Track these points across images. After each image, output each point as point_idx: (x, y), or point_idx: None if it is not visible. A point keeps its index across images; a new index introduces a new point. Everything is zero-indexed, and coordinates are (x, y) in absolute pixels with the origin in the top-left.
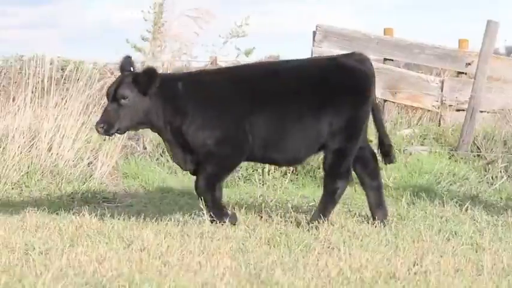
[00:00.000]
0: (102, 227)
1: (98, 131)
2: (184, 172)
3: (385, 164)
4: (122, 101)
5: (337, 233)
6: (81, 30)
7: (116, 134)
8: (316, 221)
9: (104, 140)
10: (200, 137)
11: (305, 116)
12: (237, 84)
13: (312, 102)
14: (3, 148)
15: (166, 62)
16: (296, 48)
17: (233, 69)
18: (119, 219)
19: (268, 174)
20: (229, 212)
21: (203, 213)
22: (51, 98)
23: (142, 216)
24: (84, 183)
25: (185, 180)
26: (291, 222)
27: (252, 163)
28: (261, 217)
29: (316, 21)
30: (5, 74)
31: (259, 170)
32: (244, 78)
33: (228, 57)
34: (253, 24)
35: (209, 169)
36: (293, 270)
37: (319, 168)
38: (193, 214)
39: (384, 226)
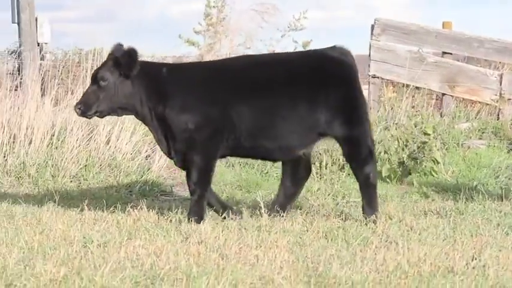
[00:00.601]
0: (160, 220)
1: (76, 112)
2: (242, 166)
3: None
4: (101, 83)
5: (394, 227)
6: (139, 23)
7: (95, 116)
8: (372, 215)
9: None
10: (181, 120)
11: (295, 106)
12: (220, 74)
13: (303, 93)
14: (62, 141)
15: (225, 56)
16: (354, 41)
17: (219, 61)
18: (176, 212)
19: (326, 168)
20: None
21: (260, 207)
22: None
23: None
24: (142, 176)
25: (243, 173)
26: (349, 216)
27: None
28: (319, 211)
29: (375, 13)
30: (63, 67)
31: (317, 164)
32: (228, 68)
33: (286, 49)
34: (312, 18)
35: (197, 159)
36: (351, 264)
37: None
38: (250, 207)
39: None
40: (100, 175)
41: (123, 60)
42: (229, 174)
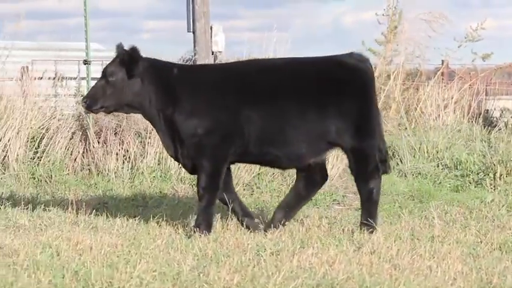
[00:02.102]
0: (332, 229)
1: (82, 106)
2: (414, 176)
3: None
4: (110, 78)
5: None
6: (312, 32)
7: (100, 111)
8: (365, 229)
9: None
10: (190, 125)
11: (305, 113)
12: (232, 78)
13: (314, 100)
14: None
15: (398, 65)
16: None
17: (230, 64)
18: (348, 221)
19: (500, 179)
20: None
21: (433, 217)
22: None
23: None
24: None
25: (415, 183)
26: None
27: None
28: (493, 222)
29: None
30: None
31: (491, 175)
32: (240, 72)
33: (462, 61)
34: (488, 28)
35: (206, 164)
36: None
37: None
38: (422, 218)
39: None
40: (273, 183)
41: (125, 59)
42: (402, 184)
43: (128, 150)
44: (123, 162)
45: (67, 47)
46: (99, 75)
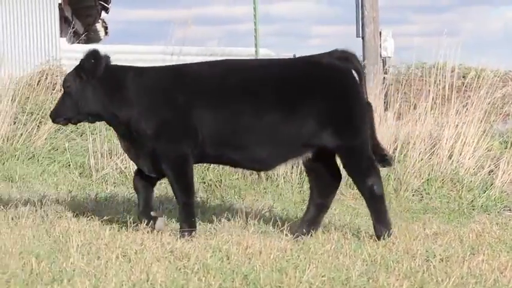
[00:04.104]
0: (504, 236)
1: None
2: None
3: (384, 167)
4: (66, 89)
5: None
6: (482, 37)
7: (69, 123)
8: (384, 232)
9: (505, 148)
10: (141, 127)
11: (272, 114)
12: (187, 79)
13: (281, 102)
14: (404, 155)
15: None
16: None
17: (197, 64)
18: None
19: None
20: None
21: None
22: (452, 106)
23: None
24: (485, 191)
25: None
26: None
27: None
28: None
29: None
30: (406, 81)
31: None
32: (204, 73)
33: None
34: None
35: (171, 173)
36: None
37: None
38: None
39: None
40: (442, 189)
41: (87, 64)
42: None
43: None
44: (292, 168)
45: (235, 52)
46: None
